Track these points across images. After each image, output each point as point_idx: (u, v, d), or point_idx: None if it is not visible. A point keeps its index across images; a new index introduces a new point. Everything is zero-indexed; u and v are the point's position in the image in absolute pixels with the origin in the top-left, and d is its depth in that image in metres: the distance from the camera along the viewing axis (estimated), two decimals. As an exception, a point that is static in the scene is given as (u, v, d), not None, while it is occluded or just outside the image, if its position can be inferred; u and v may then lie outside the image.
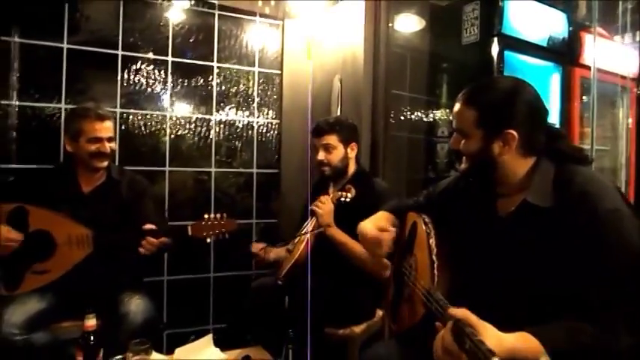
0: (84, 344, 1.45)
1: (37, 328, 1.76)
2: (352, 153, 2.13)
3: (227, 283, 2.78)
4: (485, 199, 1.24)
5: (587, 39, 2.99)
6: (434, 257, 1.22)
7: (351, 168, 2.15)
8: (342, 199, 1.98)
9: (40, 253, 1.86)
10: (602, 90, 3.27)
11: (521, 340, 0.94)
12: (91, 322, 1.46)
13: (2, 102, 2.33)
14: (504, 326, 0.95)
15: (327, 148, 2.07)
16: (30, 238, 1.86)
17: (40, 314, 1.79)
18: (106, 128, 1.98)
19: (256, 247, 2.23)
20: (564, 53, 2.86)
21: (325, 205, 1.99)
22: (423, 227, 1.33)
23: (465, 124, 1.17)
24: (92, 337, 1.46)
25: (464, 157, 1.20)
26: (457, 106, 1.19)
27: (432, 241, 1.25)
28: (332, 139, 2.07)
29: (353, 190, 1.99)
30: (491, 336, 0.90)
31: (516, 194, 1.16)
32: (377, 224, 1.48)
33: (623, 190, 3.32)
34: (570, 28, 2.90)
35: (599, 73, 3.08)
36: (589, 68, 2.98)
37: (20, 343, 1.70)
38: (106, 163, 2.00)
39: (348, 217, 1.93)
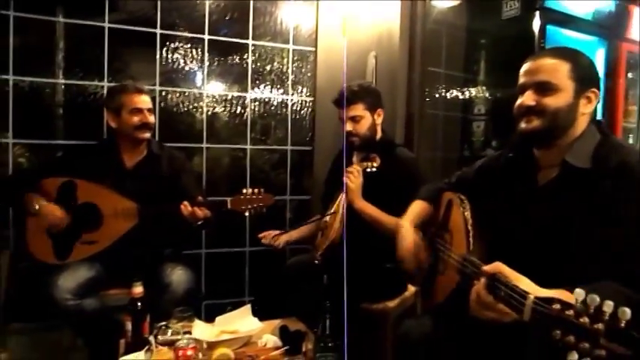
0: (132, 310, 1.54)
1: (87, 294, 1.87)
2: (379, 119, 2.08)
3: (262, 257, 2.86)
4: (526, 172, 1.26)
5: (636, 12, 2.84)
6: (469, 227, 1.25)
7: (378, 135, 2.09)
8: (368, 169, 1.94)
9: (88, 225, 1.96)
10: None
11: (558, 296, 0.94)
12: (138, 289, 1.55)
13: (49, 80, 2.43)
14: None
15: (355, 119, 2.00)
16: (78, 210, 1.97)
17: (89, 281, 1.90)
18: (144, 100, 2.06)
19: (266, 238, 2.19)
20: (610, 27, 2.74)
21: (357, 179, 1.93)
22: (458, 202, 1.35)
23: (556, 75, 1.15)
24: (139, 304, 1.54)
25: (532, 116, 1.17)
26: (543, 60, 1.17)
27: (467, 213, 1.29)
28: (358, 109, 2.00)
29: (378, 160, 1.94)
30: (526, 285, 0.93)
31: (557, 166, 1.18)
32: (413, 236, 1.51)
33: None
34: (618, 1, 2.76)
35: (648, 48, 2.95)
36: (636, 43, 2.86)
37: (73, 308, 1.81)
38: (148, 134, 2.07)
39: (373, 187, 1.93)
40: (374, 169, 1.94)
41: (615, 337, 0.69)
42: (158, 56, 2.62)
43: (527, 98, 1.17)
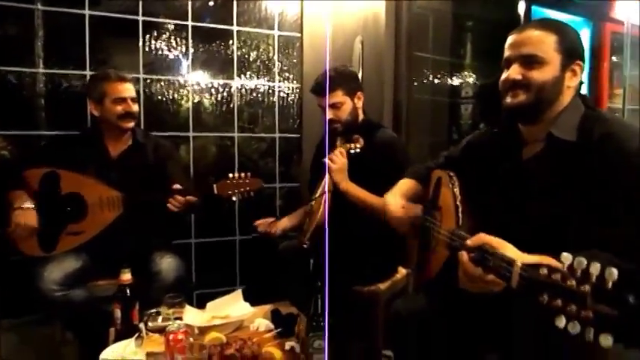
0: (121, 297, 1.52)
1: (75, 285, 1.85)
2: (359, 103, 2.05)
3: (252, 245, 2.84)
4: (511, 148, 1.26)
5: (620, -8, 2.86)
6: (458, 203, 1.25)
7: (360, 118, 2.07)
8: (352, 150, 1.92)
9: (73, 215, 1.93)
10: (634, 46, 3.14)
11: (542, 261, 0.94)
12: (126, 276, 1.53)
13: (28, 70, 2.37)
14: None
15: (335, 105, 1.97)
16: (62, 200, 1.93)
17: (76, 272, 1.87)
18: (128, 89, 2.02)
19: (262, 226, 2.18)
20: (594, 7, 2.75)
21: (340, 160, 1.91)
22: (447, 180, 1.35)
23: (542, 47, 1.13)
24: (128, 291, 1.52)
25: (518, 90, 1.16)
26: (529, 32, 1.15)
27: (456, 189, 1.29)
28: (338, 96, 1.97)
29: (361, 140, 1.93)
30: (511, 251, 0.94)
31: (542, 140, 1.18)
32: (401, 201, 1.50)
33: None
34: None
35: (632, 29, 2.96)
36: (620, 23, 2.87)
37: (60, 299, 1.79)
38: (132, 124, 2.04)
39: (358, 169, 1.92)
40: (357, 150, 1.92)
41: (602, 299, 0.69)
42: (141, 44, 2.57)
43: (513, 72, 1.16)
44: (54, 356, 2.10)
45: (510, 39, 1.20)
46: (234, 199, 1.93)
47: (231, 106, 2.83)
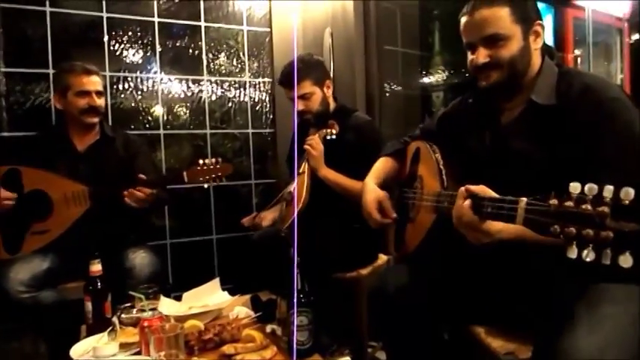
0: (92, 290, 1.45)
1: (44, 286, 1.76)
2: (329, 91, 2.03)
3: (230, 244, 2.78)
4: (489, 114, 1.24)
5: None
6: (441, 167, 1.24)
7: (332, 106, 2.05)
8: (328, 136, 1.91)
9: (38, 213, 1.84)
10: (595, 35, 3.23)
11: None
12: (96, 267, 1.46)
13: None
14: None
15: (305, 96, 1.94)
16: (26, 198, 1.84)
17: (45, 273, 1.79)
18: (93, 82, 1.95)
19: (248, 221, 2.13)
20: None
21: (318, 145, 1.90)
22: (427, 148, 1.33)
23: (499, 24, 1.10)
24: (99, 282, 1.45)
25: (489, 72, 1.14)
26: (481, 12, 1.11)
27: (438, 155, 1.27)
28: (306, 87, 1.94)
29: (336, 126, 1.91)
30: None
31: (521, 105, 1.17)
32: (378, 193, 1.45)
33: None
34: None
35: (593, 14, 3.05)
36: (581, 8, 2.95)
37: (28, 300, 1.70)
38: (97, 119, 1.97)
39: (336, 154, 1.91)
40: (334, 136, 1.91)
41: (622, 216, 0.66)
42: (106, 39, 2.51)
43: (480, 56, 1.13)
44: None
45: (464, 22, 1.17)
46: (205, 185, 1.87)
47: (202, 102, 2.78)
